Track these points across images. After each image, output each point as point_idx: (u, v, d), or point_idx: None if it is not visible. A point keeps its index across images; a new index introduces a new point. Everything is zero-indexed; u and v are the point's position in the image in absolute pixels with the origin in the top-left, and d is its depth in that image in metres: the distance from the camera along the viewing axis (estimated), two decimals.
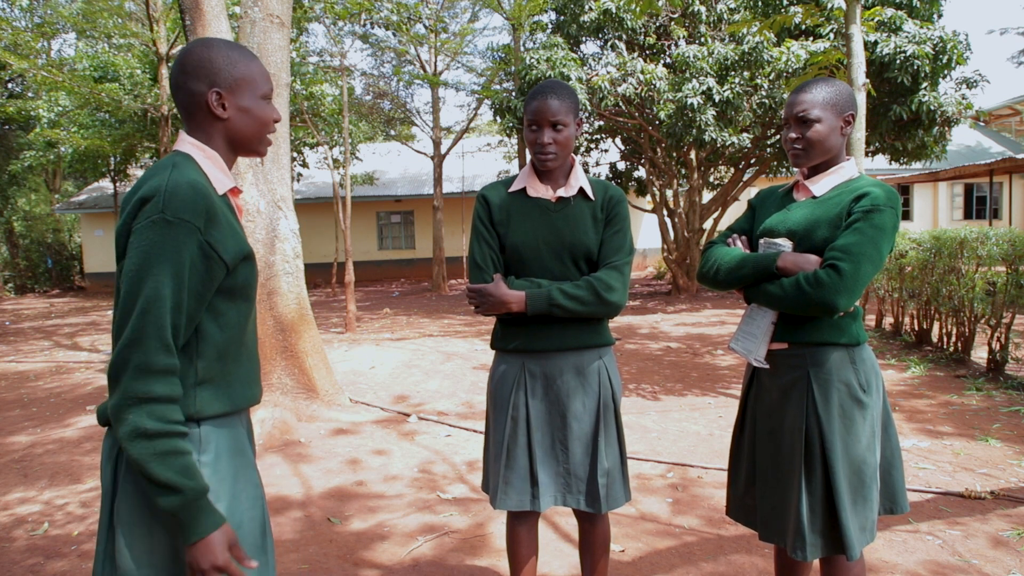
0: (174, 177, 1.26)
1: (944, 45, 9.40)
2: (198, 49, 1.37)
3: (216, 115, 1.37)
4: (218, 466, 1.32)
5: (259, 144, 1.45)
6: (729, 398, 5.39)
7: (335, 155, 17.05)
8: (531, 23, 14.72)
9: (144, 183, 1.28)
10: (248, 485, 1.39)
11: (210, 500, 1.23)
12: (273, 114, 1.44)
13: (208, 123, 1.38)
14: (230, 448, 1.36)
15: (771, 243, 1.88)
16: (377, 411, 5.29)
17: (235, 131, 1.40)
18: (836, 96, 1.83)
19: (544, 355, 1.99)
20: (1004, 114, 22.96)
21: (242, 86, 1.39)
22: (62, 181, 24.80)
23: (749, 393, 1.99)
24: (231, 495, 1.34)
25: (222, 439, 1.34)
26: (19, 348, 9.48)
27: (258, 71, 1.42)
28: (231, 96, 1.38)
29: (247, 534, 1.36)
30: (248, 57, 1.42)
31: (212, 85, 1.36)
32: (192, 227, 1.24)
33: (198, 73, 1.35)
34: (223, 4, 4.72)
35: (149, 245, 1.21)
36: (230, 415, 1.37)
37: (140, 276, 1.21)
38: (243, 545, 1.33)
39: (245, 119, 1.40)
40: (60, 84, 12.62)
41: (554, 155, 1.96)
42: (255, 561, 1.31)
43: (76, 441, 4.69)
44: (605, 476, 1.96)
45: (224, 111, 1.37)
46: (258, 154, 1.48)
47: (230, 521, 1.30)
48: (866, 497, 1.78)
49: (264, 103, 1.42)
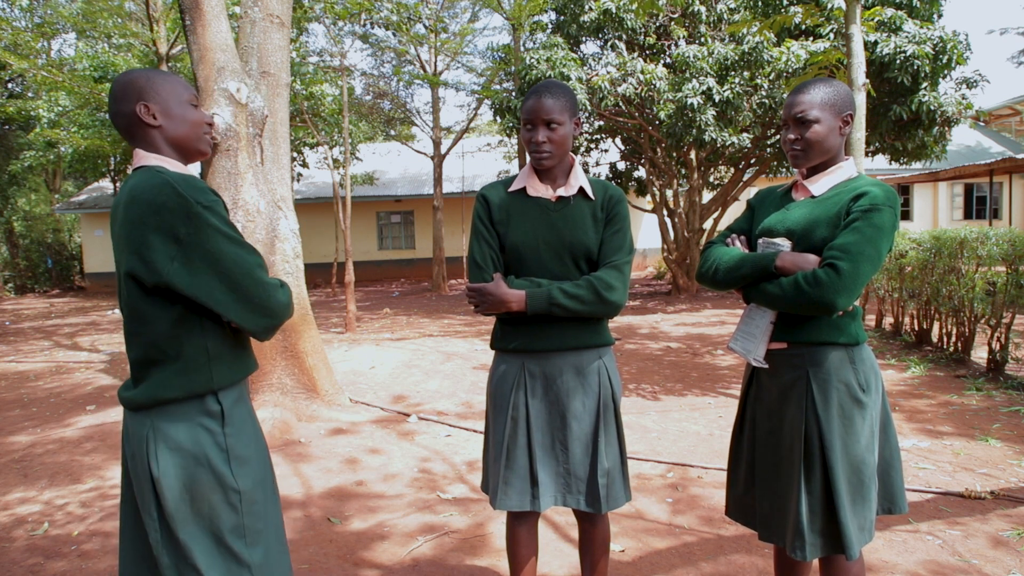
0: (172, 177, 1.47)
1: (944, 45, 9.40)
2: (120, 78, 1.58)
3: (150, 124, 1.55)
4: (241, 434, 1.55)
5: (198, 143, 1.62)
6: (729, 398, 5.39)
7: (335, 155, 17.05)
8: (531, 23, 14.71)
9: (140, 194, 1.45)
10: (263, 450, 1.63)
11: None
12: (202, 116, 1.62)
13: (148, 134, 1.56)
14: (247, 416, 1.60)
15: (770, 243, 1.88)
16: (377, 411, 5.29)
17: (171, 135, 1.57)
18: (834, 96, 1.82)
19: (544, 355, 1.98)
20: (1004, 114, 22.96)
21: (163, 95, 1.56)
22: (62, 181, 24.79)
23: (748, 393, 1.99)
24: (256, 457, 1.58)
25: (241, 409, 1.57)
26: (19, 348, 9.48)
27: (176, 81, 1.60)
28: (156, 105, 1.55)
29: (268, 490, 1.61)
30: (164, 74, 1.61)
31: (138, 99, 1.54)
32: (221, 203, 1.50)
33: (124, 96, 1.55)
34: (223, 4, 4.72)
35: (219, 241, 1.47)
36: (240, 383, 1.60)
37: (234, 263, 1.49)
38: (264, 499, 1.58)
39: (175, 122, 1.57)
40: (60, 84, 12.62)
41: (549, 153, 1.95)
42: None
43: (76, 441, 4.69)
44: (605, 476, 1.96)
45: (155, 119, 1.55)
46: (202, 154, 1.65)
47: (255, 480, 1.56)
48: (865, 497, 1.78)
49: (190, 107, 1.60)
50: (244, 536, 1.52)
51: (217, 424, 1.51)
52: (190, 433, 1.48)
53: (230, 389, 1.55)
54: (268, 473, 1.63)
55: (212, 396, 1.51)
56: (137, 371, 1.52)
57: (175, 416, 1.49)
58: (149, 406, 1.49)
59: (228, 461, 1.51)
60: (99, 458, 4.28)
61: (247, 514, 1.52)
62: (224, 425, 1.52)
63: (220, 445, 1.50)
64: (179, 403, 1.49)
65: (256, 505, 1.55)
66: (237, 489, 1.51)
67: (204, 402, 1.50)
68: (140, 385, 1.49)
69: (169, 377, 1.48)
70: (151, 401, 1.48)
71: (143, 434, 1.49)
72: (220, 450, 1.50)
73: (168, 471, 1.46)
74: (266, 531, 1.57)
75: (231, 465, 1.51)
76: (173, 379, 1.48)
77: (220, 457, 1.50)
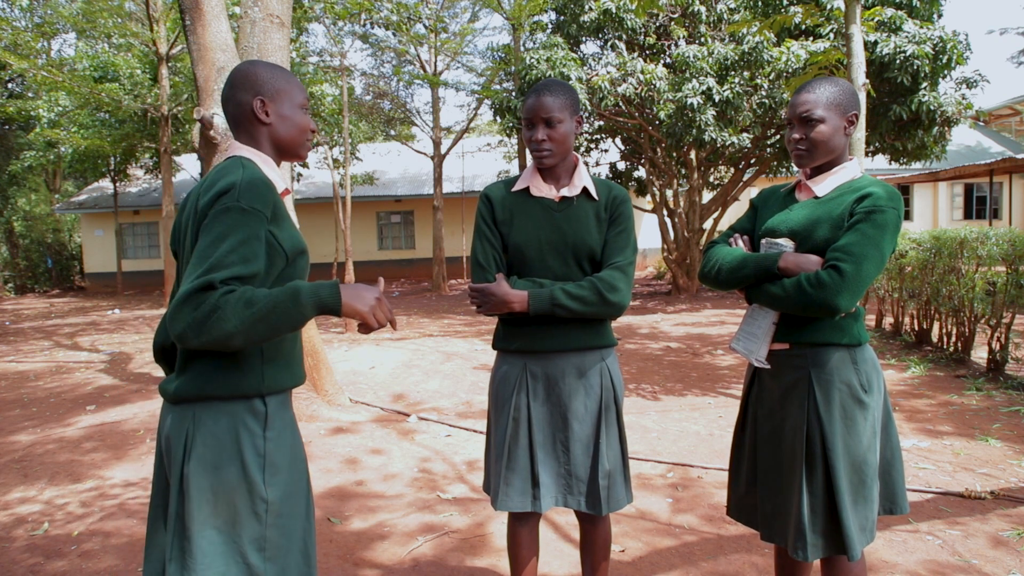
0: (247, 174, 1.44)
1: (944, 45, 9.40)
2: (244, 66, 1.60)
3: (261, 120, 1.57)
4: (280, 441, 1.50)
5: (300, 148, 1.64)
6: (729, 398, 5.39)
7: (335, 155, 17.05)
8: (531, 23, 14.72)
9: (218, 180, 1.43)
10: (301, 462, 1.58)
11: (303, 286, 1.40)
12: (309, 123, 1.64)
13: (255, 129, 1.58)
14: (289, 425, 1.55)
15: (773, 243, 1.87)
16: (377, 411, 5.30)
17: (278, 135, 1.60)
18: (840, 96, 1.81)
19: (546, 356, 1.98)
20: (1004, 114, 22.96)
21: (281, 95, 1.58)
22: (62, 181, 24.81)
23: (750, 393, 1.98)
24: (291, 469, 1.52)
25: (284, 417, 1.53)
26: (19, 348, 9.48)
27: (295, 83, 1.62)
28: (272, 104, 1.57)
29: (298, 505, 1.53)
30: (286, 73, 1.62)
31: (256, 94, 1.56)
32: (262, 216, 1.42)
33: (244, 85, 1.56)
34: (223, 4, 4.72)
35: (225, 227, 1.37)
36: (287, 391, 1.57)
37: (216, 245, 1.36)
38: (292, 513, 1.51)
39: (285, 124, 1.60)
40: (60, 84, 12.63)
41: (549, 151, 1.94)
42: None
43: (76, 441, 4.68)
44: (606, 478, 1.96)
45: (267, 117, 1.57)
46: (299, 157, 1.68)
47: (286, 492, 1.49)
48: (866, 497, 1.77)
49: (301, 111, 1.62)
50: (264, 549, 1.44)
51: (259, 426, 1.46)
52: (232, 430, 1.44)
53: (278, 395, 1.52)
54: (302, 487, 1.55)
55: (260, 399, 1.47)
56: (185, 362, 1.46)
57: (220, 411, 1.44)
58: (194, 399, 1.45)
59: (263, 467, 1.45)
60: (99, 458, 4.28)
61: (271, 526, 1.45)
62: (266, 429, 1.47)
63: (258, 449, 1.45)
64: (225, 400, 1.45)
65: (282, 519, 1.47)
66: (265, 498, 1.44)
67: (251, 402, 1.47)
68: (185, 377, 1.45)
69: (219, 373, 1.44)
70: (198, 395, 1.44)
71: (183, 427, 1.44)
72: (257, 454, 1.45)
73: (199, 467, 1.41)
74: (289, 548, 1.49)
75: (265, 472, 1.45)
76: (223, 376, 1.44)
77: (256, 462, 1.44)
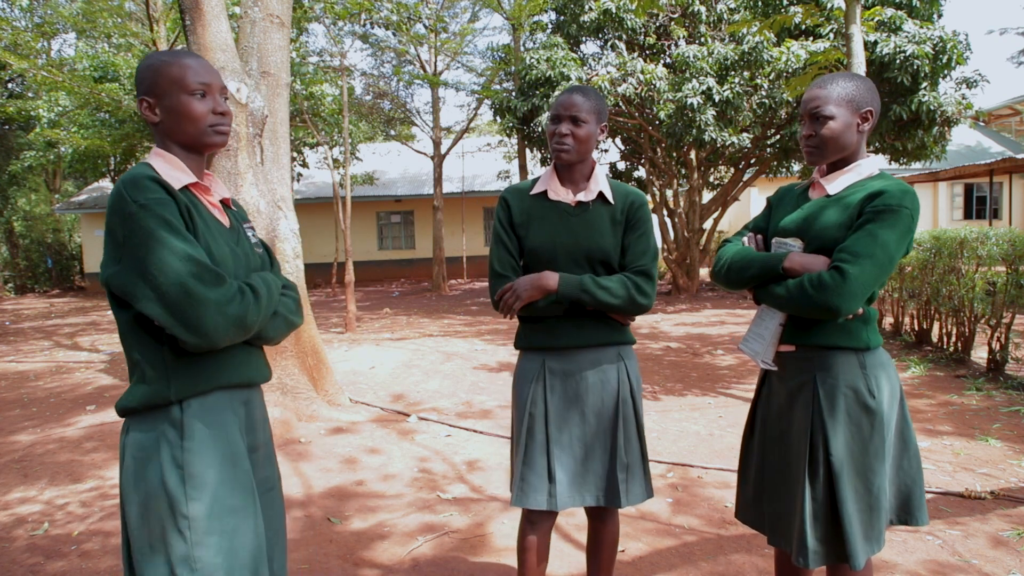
0: (124, 175, 1.38)
1: (944, 45, 9.40)
2: (139, 67, 1.49)
3: (151, 120, 1.48)
4: (202, 451, 1.37)
5: (203, 136, 1.48)
6: (729, 398, 5.39)
7: (335, 155, 17.06)
8: (531, 23, 14.72)
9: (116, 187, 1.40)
10: (244, 473, 1.43)
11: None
12: (207, 107, 1.47)
13: (154, 129, 1.49)
14: (221, 432, 1.41)
15: (782, 243, 1.84)
16: (377, 411, 5.30)
17: (170, 131, 1.47)
18: (853, 91, 1.75)
19: (564, 352, 1.99)
20: (1004, 114, 22.95)
21: (165, 88, 1.45)
22: (62, 181, 24.78)
23: (760, 395, 1.96)
24: (219, 480, 1.38)
25: (210, 422, 1.40)
26: (19, 348, 9.48)
27: (185, 70, 1.45)
28: (158, 100, 1.46)
29: (242, 523, 1.39)
30: (177, 58, 1.47)
31: (141, 95, 1.47)
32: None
33: (137, 88, 1.49)
34: (223, 4, 4.72)
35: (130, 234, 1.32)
36: (213, 392, 1.42)
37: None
38: (227, 531, 1.37)
39: (173, 118, 1.46)
40: (60, 84, 12.61)
41: (569, 147, 1.95)
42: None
43: (76, 441, 4.68)
44: (624, 471, 1.96)
45: (156, 115, 1.47)
46: (208, 146, 1.51)
47: (215, 508, 1.35)
48: (872, 506, 1.71)
49: (191, 98, 1.45)
50: (195, 571, 1.33)
51: (177, 435, 1.36)
52: (154, 442, 1.36)
53: (199, 398, 1.40)
54: (246, 501, 1.42)
55: (176, 405, 1.38)
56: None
57: (144, 425, 1.38)
58: (122, 415, 1.41)
59: (182, 480, 1.34)
60: (99, 458, 4.28)
61: (198, 544, 1.33)
62: (184, 438, 1.36)
63: (176, 460, 1.34)
64: (144, 413, 1.38)
65: (213, 536, 1.35)
66: (186, 515, 1.33)
67: (168, 410, 1.38)
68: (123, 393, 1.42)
69: (134, 385, 1.39)
70: (120, 410, 1.41)
71: (123, 441, 1.41)
72: (175, 466, 1.34)
73: (128, 482, 1.37)
74: (230, 569, 1.36)
75: (185, 486, 1.34)
76: (136, 387, 1.39)
77: (175, 475, 1.34)
